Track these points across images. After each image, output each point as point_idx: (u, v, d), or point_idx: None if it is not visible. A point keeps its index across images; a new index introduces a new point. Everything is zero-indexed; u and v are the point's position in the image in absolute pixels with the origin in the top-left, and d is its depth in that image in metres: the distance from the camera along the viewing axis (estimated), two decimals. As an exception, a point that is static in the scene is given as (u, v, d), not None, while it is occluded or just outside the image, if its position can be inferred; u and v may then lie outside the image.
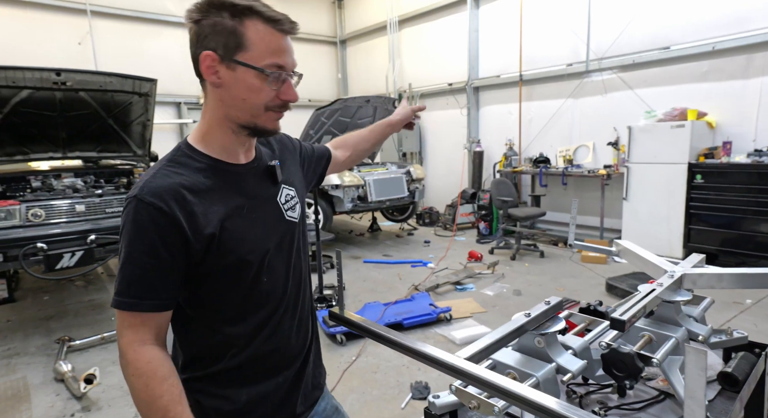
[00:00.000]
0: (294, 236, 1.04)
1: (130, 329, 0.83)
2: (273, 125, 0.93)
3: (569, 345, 0.94)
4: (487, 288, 4.52)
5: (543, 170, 6.52)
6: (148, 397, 0.80)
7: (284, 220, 1.01)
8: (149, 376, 0.81)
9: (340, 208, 6.19)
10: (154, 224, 0.82)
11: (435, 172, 8.67)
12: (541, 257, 5.66)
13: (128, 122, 4.26)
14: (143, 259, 0.82)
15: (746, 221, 4.68)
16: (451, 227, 7.34)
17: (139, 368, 0.81)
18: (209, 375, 0.94)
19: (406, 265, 5.47)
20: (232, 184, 0.93)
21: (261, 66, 0.85)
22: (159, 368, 0.82)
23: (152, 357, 0.82)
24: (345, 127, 6.64)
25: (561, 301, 0.97)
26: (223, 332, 0.93)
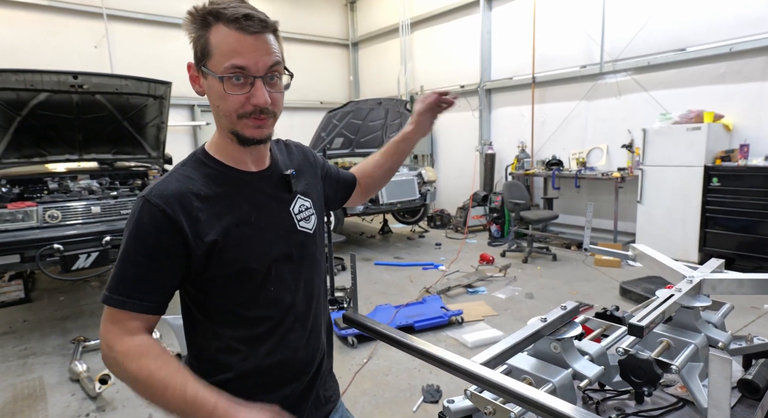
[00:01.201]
0: (306, 247, 1.02)
1: (117, 324, 0.83)
2: (251, 133, 0.88)
3: (586, 351, 0.93)
4: (498, 291, 4.49)
5: (556, 173, 6.46)
6: (145, 375, 0.78)
7: (296, 230, 1.00)
8: (141, 355, 0.80)
9: (351, 210, 6.20)
10: (155, 226, 0.83)
11: (446, 175, 8.65)
12: (554, 260, 5.60)
13: (143, 125, 4.33)
14: (139, 259, 0.83)
15: (763, 225, 4.58)
16: (462, 229, 7.31)
17: (129, 353, 0.80)
18: (215, 383, 0.93)
19: (417, 267, 5.45)
20: (241, 192, 0.93)
21: (220, 70, 0.83)
22: (151, 348, 0.81)
23: (142, 341, 0.82)
24: (357, 130, 6.66)
25: (577, 306, 0.96)
26: (228, 338, 0.92)
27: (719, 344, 0.99)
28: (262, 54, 0.83)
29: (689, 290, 1.03)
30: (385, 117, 6.80)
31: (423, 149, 8.79)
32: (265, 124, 0.88)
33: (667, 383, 1.02)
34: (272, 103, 0.86)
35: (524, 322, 0.97)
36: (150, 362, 0.79)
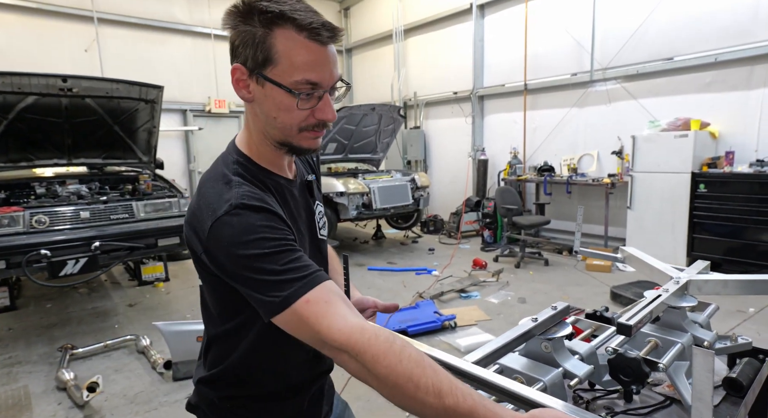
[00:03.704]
0: (324, 256, 1.03)
1: (329, 306, 0.72)
2: (310, 144, 0.86)
3: (576, 350, 0.95)
4: (491, 296, 4.51)
5: (547, 179, 6.53)
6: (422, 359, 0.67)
7: (317, 238, 1.00)
8: (401, 348, 0.68)
9: (344, 215, 6.21)
10: (267, 220, 0.77)
11: (439, 180, 8.69)
12: (546, 265, 5.64)
13: (134, 129, 4.30)
14: (280, 245, 0.75)
15: (749, 230, 4.66)
16: (455, 234, 7.34)
17: (379, 345, 0.68)
18: (243, 397, 0.92)
19: (410, 272, 5.46)
20: (285, 199, 0.90)
21: (290, 83, 0.77)
22: (397, 339, 0.70)
23: (380, 330, 0.71)
24: (350, 135, 6.69)
25: (568, 306, 0.98)
26: (268, 351, 0.91)
27: (705, 343, 1.01)
28: (332, 67, 0.79)
29: (676, 291, 1.05)
30: (378, 122, 6.83)
31: (416, 155, 8.83)
32: (322, 135, 0.87)
33: (655, 382, 1.04)
34: None
35: (517, 327, 0.99)
36: (419, 356, 0.69)
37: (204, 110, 8.34)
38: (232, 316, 0.88)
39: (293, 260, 0.76)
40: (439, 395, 0.62)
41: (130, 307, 4.44)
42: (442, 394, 0.62)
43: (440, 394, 0.62)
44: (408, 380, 0.64)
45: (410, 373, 0.64)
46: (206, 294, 0.92)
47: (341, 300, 0.75)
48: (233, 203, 0.77)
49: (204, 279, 0.87)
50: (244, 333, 0.88)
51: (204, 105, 8.31)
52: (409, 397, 0.64)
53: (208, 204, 0.79)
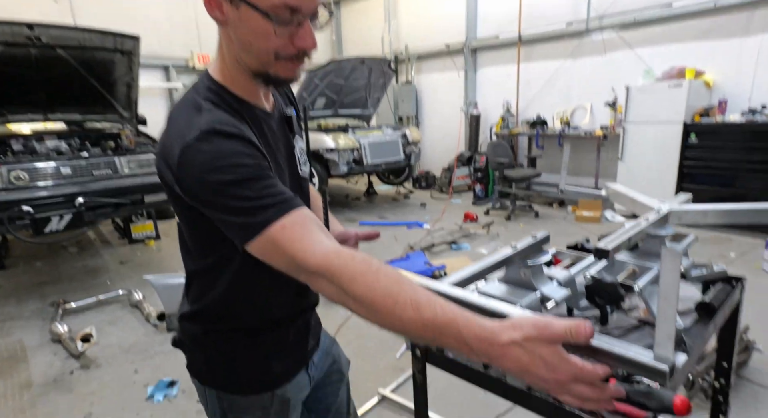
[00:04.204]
0: (306, 194, 1.02)
1: (305, 231, 0.70)
2: (288, 74, 0.81)
3: (554, 276, 0.96)
4: (482, 247, 4.57)
5: (540, 132, 6.47)
6: (395, 291, 0.64)
7: (298, 175, 0.98)
8: (377, 268, 0.67)
9: (335, 171, 6.16)
10: (240, 146, 0.74)
11: (431, 136, 8.59)
12: (536, 217, 5.70)
13: (112, 82, 4.12)
14: (254, 172, 0.72)
15: (738, 180, 4.70)
16: (447, 189, 7.35)
17: (356, 266, 0.66)
18: (231, 330, 0.93)
19: (402, 226, 5.50)
20: (261, 131, 0.87)
21: (268, 6, 0.72)
22: (373, 260, 0.68)
23: (355, 252, 0.69)
24: (339, 90, 6.52)
25: (547, 235, 0.98)
26: (256, 282, 0.90)
27: (681, 270, 1.03)
28: None
29: (657, 221, 1.05)
30: (368, 76, 6.65)
31: (408, 111, 8.68)
32: (302, 66, 0.82)
33: (630, 307, 1.06)
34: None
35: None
36: (391, 273, 0.68)
37: (187, 66, 8.04)
38: (210, 251, 0.87)
39: (268, 187, 0.74)
40: (417, 308, 0.61)
41: (122, 264, 4.46)
42: (421, 307, 0.61)
43: (419, 307, 0.61)
44: (386, 296, 0.63)
45: (388, 290, 0.63)
46: (184, 230, 0.90)
47: (317, 226, 0.74)
48: (204, 129, 0.73)
49: (180, 215, 0.85)
50: (223, 268, 0.88)
51: (186, 60, 8.00)
52: (387, 313, 0.63)
53: (177, 132, 0.76)
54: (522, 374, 0.57)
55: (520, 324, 0.57)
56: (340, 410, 1.18)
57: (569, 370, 0.54)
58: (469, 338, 0.58)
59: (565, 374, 0.54)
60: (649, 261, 1.02)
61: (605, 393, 0.56)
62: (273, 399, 0.95)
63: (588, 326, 0.53)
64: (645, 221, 1.03)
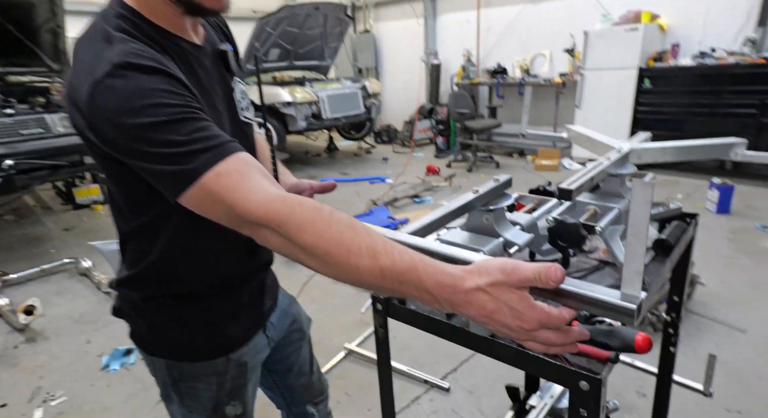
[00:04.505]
0: (251, 142, 0.92)
1: (245, 177, 0.62)
2: (214, 4, 0.73)
3: (517, 221, 0.93)
4: (444, 199, 4.59)
5: (500, 81, 6.41)
6: (348, 238, 0.57)
7: (239, 120, 0.88)
8: (329, 214, 0.59)
9: (293, 127, 5.93)
10: (162, 83, 0.64)
11: (392, 88, 8.37)
12: (497, 168, 5.76)
13: (34, 29, 3.65)
14: (181, 112, 0.63)
15: (687, 124, 4.86)
16: (409, 143, 7.27)
17: (304, 213, 0.59)
18: (178, 295, 0.85)
19: (364, 182, 5.43)
20: (191, 68, 0.75)
21: None
22: (324, 206, 0.61)
23: (304, 199, 0.62)
24: (294, 39, 6.14)
25: (509, 178, 0.94)
26: (199, 238, 0.82)
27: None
28: None
29: (617, 160, 1.03)
30: (324, 25, 6.27)
31: (367, 62, 8.35)
32: None
33: (590, 249, 1.06)
34: None
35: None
36: (342, 218, 0.61)
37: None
38: (143, 208, 0.78)
39: (199, 130, 0.64)
40: (373, 255, 0.55)
41: (66, 231, 4.19)
42: (377, 254, 0.55)
43: (375, 254, 0.55)
44: (339, 244, 0.56)
45: (341, 237, 0.57)
46: (109, 185, 0.80)
47: (258, 172, 0.66)
48: (116, 62, 0.62)
49: (102, 167, 0.74)
50: (161, 227, 0.79)
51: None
52: (341, 263, 0.56)
53: (84, 68, 0.65)
54: (486, 321, 0.53)
55: (486, 269, 0.52)
56: (302, 369, 1.16)
57: (536, 316, 0.51)
58: (430, 285, 0.53)
59: (531, 321, 0.51)
60: (611, 201, 1.00)
61: (570, 337, 0.54)
62: (228, 364, 0.90)
63: (558, 269, 0.49)
64: (607, 160, 1.01)
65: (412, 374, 2.10)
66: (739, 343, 2.21)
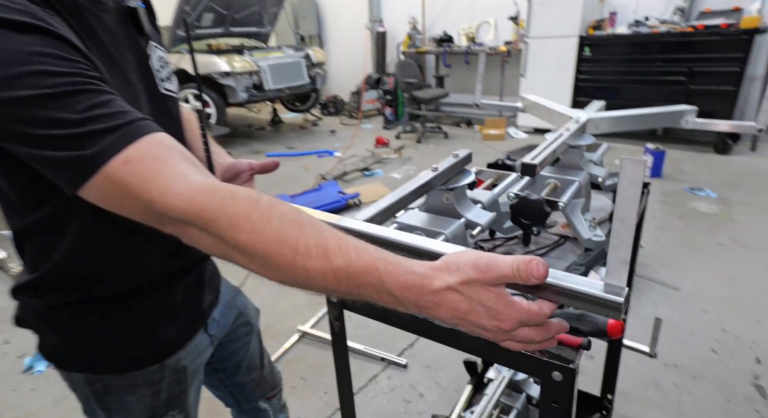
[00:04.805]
0: (174, 119, 0.78)
1: (161, 163, 0.51)
2: None
3: (478, 199, 0.88)
4: (394, 172, 4.53)
5: (446, 50, 6.32)
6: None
7: (157, 93, 0.73)
8: (268, 206, 0.49)
9: (233, 98, 5.57)
10: (44, 45, 0.51)
11: (336, 57, 8.06)
12: (446, 138, 5.75)
13: None
14: (72, 83, 0.50)
15: (623, 92, 5.04)
16: (356, 115, 7.09)
17: (238, 206, 0.49)
18: (93, 301, 0.72)
19: (312, 156, 5.25)
20: (89, 30, 0.61)
21: None
22: (262, 196, 0.51)
23: (236, 188, 0.51)
24: (229, 3, 5.66)
25: (469, 153, 0.88)
26: (112, 236, 0.69)
27: (599, 179, 1.00)
28: None
29: (576, 130, 1.00)
30: (260, -15, 5.84)
31: (310, 29, 7.95)
32: None
33: (549, 224, 1.04)
34: None
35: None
36: (277, 206, 0.50)
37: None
38: (40, 201, 0.63)
39: (98, 105, 0.51)
40: (325, 255, 0.47)
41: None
42: (329, 253, 0.47)
43: (327, 253, 0.47)
44: (282, 243, 0.47)
45: (284, 234, 0.47)
46: None
47: (179, 156, 0.54)
48: None
49: None
50: (66, 221, 0.65)
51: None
52: (286, 265, 0.47)
53: None
54: (459, 323, 0.47)
55: (457, 265, 0.45)
56: (252, 364, 1.07)
57: (515, 315, 0.45)
58: (394, 287, 0.46)
59: (510, 321, 0.45)
60: (570, 174, 0.97)
61: (550, 331, 0.49)
62: (163, 371, 0.80)
63: (541, 264, 0.43)
64: (566, 131, 0.97)
65: (368, 352, 2.07)
66: (674, 300, 2.36)
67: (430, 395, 1.86)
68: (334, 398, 1.85)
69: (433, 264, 0.46)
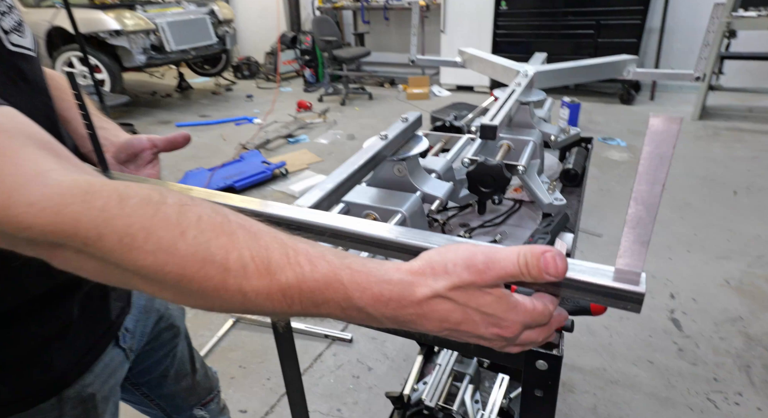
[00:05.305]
0: (29, 85, 0.57)
1: (6, 159, 0.34)
2: None
3: (432, 168, 0.78)
4: (320, 137, 4.32)
5: (364, 4, 6.03)
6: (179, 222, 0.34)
7: (5, 50, 0.53)
8: (178, 208, 0.35)
9: (129, 62, 4.91)
10: None
11: (246, 14, 7.38)
12: (370, 99, 5.58)
13: None
14: None
15: (535, 46, 5.13)
16: (274, 77, 6.62)
17: (130, 212, 0.34)
18: None
19: (229, 124, 4.84)
20: None
21: None
22: (164, 192, 0.37)
23: (123, 185, 0.36)
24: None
25: (420, 116, 0.77)
26: None
27: (552, 138, 0.94)
28: None
29: (526, 85, 0.92)
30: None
31: (210, -19, 7.14)
32: None
33: (503, 188, 0.97)
34: None
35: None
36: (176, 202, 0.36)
37: None
38: None
39: None
40: (267, 270, 0.34)
41: None
42: (273, 267, 0.34)
43: (269, 268, 0.34)
44: (205, 261, 0.34)
45: (207, 248, 0.34)
46: None
47: (30, 142, 0.37)
48: None
49: None
50: None
51: None
52: (215, 290, 0.34)
53: None
54: (450, 334, 0.37)
55: (445, 266, 0.35)
56: (181, 371, 0.92)
57: (518, 320, 0.36)
58: (365, 302, 0.35)
59: (513, 327, 0.36)
60: (522, 134, 0.90)
61: (552, 328, 0.41)
62: (63, 405, 0.63)
63: (559, 257, 0.34)
64: (518, 87, 0.88)
65: (310, 330, 1.98)
66: (598, 246, 2.51)
67: (378, 368, 1.82)
68: (278, 384, 1.74)
69: (412, 266, 0.36)
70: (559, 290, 0.39)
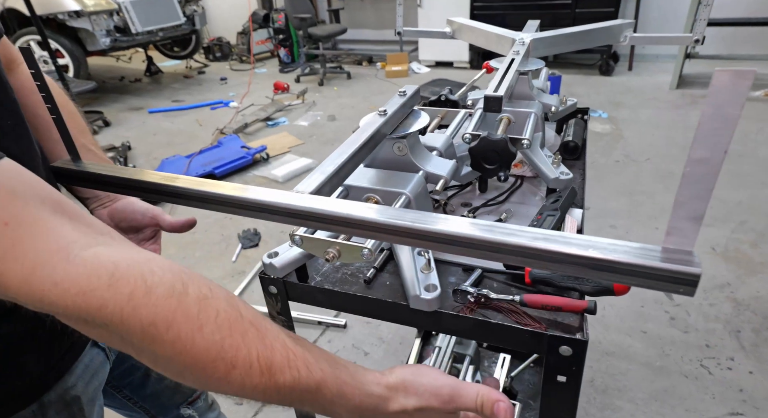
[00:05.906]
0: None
1: (20, 231, 0.34)
2: None
3: (433, 146, 0.73)
4: (300, 119, 4.20)
5: (337, -21, 5.82)
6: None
7: None
8: (198, 306, 0.36)
9: (93, 45, 4.67)
10: None
11: (213, -9, 7.07)
12: (348, 78, 5.45)
13: None
14: None
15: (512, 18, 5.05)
16: (248, 58, 6.40)
17: (156, 305, 0.35)
18: None
19: (204, 108, 4.68)
20: None
21: None
22: (186, 281, 0.38)
23: (146, 269, 0.36)
24: None
25: (418, 89, 0.71)
26: None
27: (552, 109, 0.90)
28: None
29: (524, 54, 0.87)
30: None
31: (173, -43, 6.78)
32: None
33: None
34: None
35: (332, 145, 0.70)
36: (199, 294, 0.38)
37: None
38: None
39: None
40: (269, 371, 0.38)
41: None
42: (274, 369, 0.38)
43: (271, 370, 0.38)
44: (216, 358, 0.36)
45: (220, 345, 0.36)
46: None
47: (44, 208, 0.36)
48: None
49: None
50: None
51: None
52: (217, 380, 0.37)
53: None
54: None
55: (416, 389, 0.45)
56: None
57: None
58: (345, 409, 0.43)
59: None
60: (521, 106, 0.85)
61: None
62: (45, 410, 0.59)
63: (508, 407, 0.44)
64: (517, 56, 0.83)
65: (304, 318, 1.94)
66: (586, 218, 2.51)
67: (375, 353, 1.80)
68: (275, 373, 1.71)
69: (389, 382, 0.45)
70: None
